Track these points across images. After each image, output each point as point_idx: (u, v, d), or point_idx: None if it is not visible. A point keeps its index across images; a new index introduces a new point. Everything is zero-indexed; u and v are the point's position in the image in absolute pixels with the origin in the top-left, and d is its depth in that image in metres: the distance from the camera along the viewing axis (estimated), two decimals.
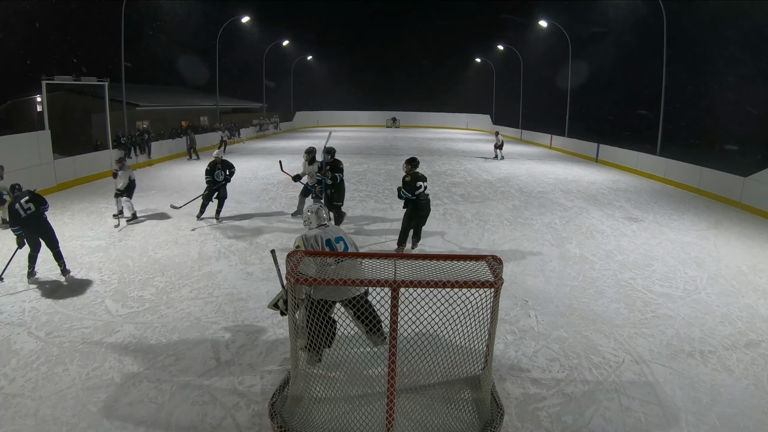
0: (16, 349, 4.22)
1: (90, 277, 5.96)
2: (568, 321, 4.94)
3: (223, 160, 8.75)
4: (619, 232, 8.45)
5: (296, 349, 3.38)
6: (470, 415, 3.36)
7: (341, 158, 8.30)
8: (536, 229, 8.59)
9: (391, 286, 2.89)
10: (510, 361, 4.18)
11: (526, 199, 11.23)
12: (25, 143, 10.74)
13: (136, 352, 4.22)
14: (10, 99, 22.37)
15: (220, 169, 8.62)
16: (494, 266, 3.28)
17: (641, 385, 3.84)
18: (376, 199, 10.95)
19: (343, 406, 3.40)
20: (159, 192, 11.54)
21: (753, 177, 10.70)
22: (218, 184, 8.64)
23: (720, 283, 6.10)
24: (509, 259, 6.58)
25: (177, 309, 5.08)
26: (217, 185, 8.64)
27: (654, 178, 14.94)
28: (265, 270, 6.16)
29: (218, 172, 8.60)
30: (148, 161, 16.60)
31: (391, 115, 40.55)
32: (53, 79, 12.28)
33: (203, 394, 3.63)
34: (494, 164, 17.72)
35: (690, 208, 10.69)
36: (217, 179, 8.61)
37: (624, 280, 6.12)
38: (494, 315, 3.20)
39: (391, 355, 2.97)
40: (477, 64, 41.25)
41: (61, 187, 11.49)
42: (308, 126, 38.04)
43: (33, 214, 5.71)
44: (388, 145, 24.59)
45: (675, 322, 4.97)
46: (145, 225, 8.46)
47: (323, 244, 3.88)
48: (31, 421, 3.31)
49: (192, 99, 29.82)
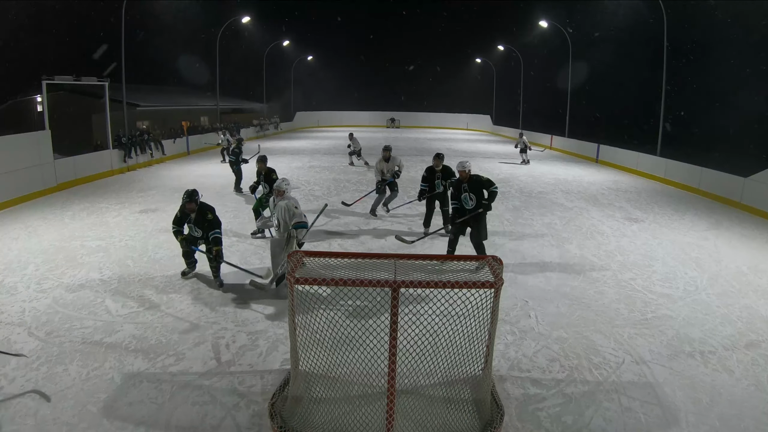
0: (16, 349, 4.22)
1: (90, 277, 5.96)
2: (569, 321, 4.94)
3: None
4: (620, 233, 8.44)
5: (296, 350, 3.38)
6: (470, 416, 3.36)
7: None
8: (536, 229, 8.59)
9: (391, 286, 2.89)
10: (510, 361, 4.18)
11: (526, 200, 11.22)
12: (25, 143, 10.74)
13: (136, 352, 4.22)
14: (10, 99, 22.36)
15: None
16: (494, 266, 3.28)
17: (641, 386, 3.84)
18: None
19: (343, 406, 3.40)
20: (159, 192, 11.54)
21: (753, 177, 10.70)
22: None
23: (720, 284, 6.10)
24: (509, 260, 6.58)
25: (177, 309, 5.08)
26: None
27: (654, 178, 14.93)
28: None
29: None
30: (160, 158, 16.79)
31: (391, 115, 40.56)
32: (53, 79, 12.28)
33: (203, 394, 3.63)
34: (494, 164, 17.70)
35: (690, 209, 10.69)
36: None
37: (624, 281, 6.12)
38: (494, 315, 3.20)
39: (391, 356, 2.97)
40: (477, 64, 41.26)
41: (61, 187, 11.49)
42: (308, 126, 38.04)
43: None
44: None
45: (675, 322, 4.97)
46: (145, 225, 8.46)
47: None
48: (31, 421, 3.31)
49: (192, 99, 29.80)
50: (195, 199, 5.51)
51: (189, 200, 5.49)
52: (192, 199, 5.50)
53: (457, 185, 6.30)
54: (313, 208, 8.91)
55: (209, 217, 5.59)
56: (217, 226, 5.63)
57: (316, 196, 11.12)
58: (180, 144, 19.02)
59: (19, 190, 10.07)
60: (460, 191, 6.25)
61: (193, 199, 5.50)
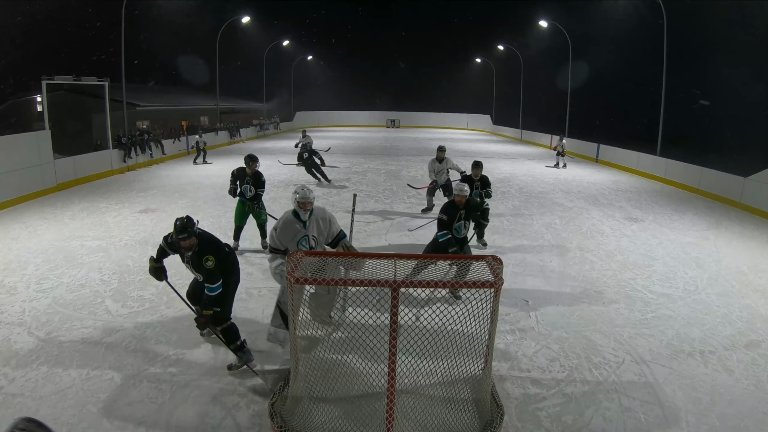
0: (16, 349, 4.22)
1: (90, 277, 5.96)
2: (568, 321, 4.94)
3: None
4: (620, 233, 8.44)
5: (296, 350, 3.38)
6: (470, 415, 3.36)
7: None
8: (536, 229, 8.59)
9: (391, 286, 2.89)
10: (510, 361, 4.18)
11: (526, 199, 11.22)
12: (25, 143, 10.74)
13: (136, 352, 4.21)
14: (10, 99, 22.36)
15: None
16: (494, 266, 3.28)
17: (641, 386, 3.84)
18: (377, 199, 10.95)
19: (343, 406, 3.40)
20: (159, 192, 11.54)
21: (753, 177, 10.70)
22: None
23: (720, 284, 6.10)
24: (509, 259, 6.58)
25: (177, 309, 5.08)
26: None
27: (654, 178, 14.94)
28: (265, 270, 6.15)
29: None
30: (160, 158, 16.85)
31: (391, 115, 40.57)
32: (53, 79, 12.28)
33: (203, 394, 3.63)
34: (494, 164, 17.68)
35: (690, 208, 10.69)
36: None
37: (624, 281, 6.12)
38: (494, 315, 3.20)
39: (391, 355, 2.96)
40: (477, 64, 41.25)
41: (61, 187, 11.49)
42: (308, 126, 37.95)
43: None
44: (389, 145, 24.59)
45: (675, 322, 4.97)
46: (145, 225, 8.46)
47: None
48: None
49: (192, 99, 29.81)
50: (192, 231, 3.71)
51: (185, 235, 3.68)
52: (189, 233, 3.69)
53: (453, 212, 5.33)
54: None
55: (209, 266, 3.71)
56: (217, 279, 3.77)
57: (317, 197, 11.10)
58: (180, 143, 19.01)
59: (19, 190, 10.07)
60: (454, 219, 5.34)
61: (190, 232, 3.70)
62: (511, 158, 19.36)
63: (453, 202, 5.42)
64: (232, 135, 24.93)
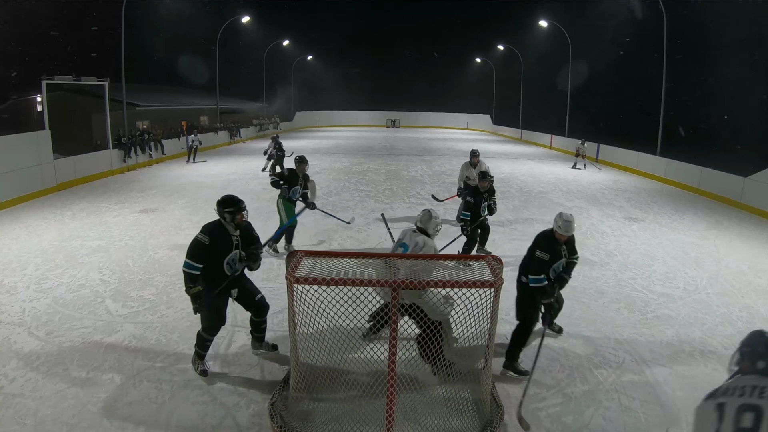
0: (16, 349, 4.22)
1: (90, 277, 5.95)
2: (568, 321, 4.93)
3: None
4: (619, 232, 8.44)
5: (296, 350, 3.38)
6: (470, 415, 3.36)
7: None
8: (536, 229, 8.51)
9: (391, 286, 2.89)
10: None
11: (526, 199, 11.22)
12: (25, 143, 10.74)
13: (136, 352, 4.21)
14: (10, 99, 22.36)
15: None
16: (494, 266, 3.28)
17: (641, 386, 3.84)
18: (377, 198, 10.95)
19: (343, 406, 3.40)
20: (159, 192, 11.54)
21: (753, 177, 10.70)
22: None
23: (720, 283, 6.10)
24: (509, 259, 6.57)
25: (177, 309, 5.08)
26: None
27: (654, 178, 14.94)
28: (264, 270, 6.14)
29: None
30: (159, 159, 16.90)
31: (391, 115, 40.57)
32: (53, 79, 12.29)
33: (203, 394, 3.63)
34: (494, 164, 17.66)
35: (690, 208, 10.69)
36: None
37: (624, 280, 6.12)
38: (494, 315, 3.20)
39: (391, 355, 2.96)
40: (477, 64, 41.24)
41: (61, 187, 11.49)
42: (308, 126, 38.04)
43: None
44: (389, 145, 24.59)
45: (675, 322, 4.97)
46: (145, 225, 8.46)
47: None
48: (31, 421, 3.30)
49: (192, 99, 29.80)
50: (244, 207, 3.83)
51: (238, 209, 3.78)
52: (241, 208, 3.80)
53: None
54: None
55: (256, 233, 4.04)
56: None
57: (317, 196, 11.09)
58: (180, 143, 19.01)
59: (19, 190, 10.07)
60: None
61: (242, 207, 3.81)
62: (511, 158, 19.37)
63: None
64: (232, 135, 25.03)
